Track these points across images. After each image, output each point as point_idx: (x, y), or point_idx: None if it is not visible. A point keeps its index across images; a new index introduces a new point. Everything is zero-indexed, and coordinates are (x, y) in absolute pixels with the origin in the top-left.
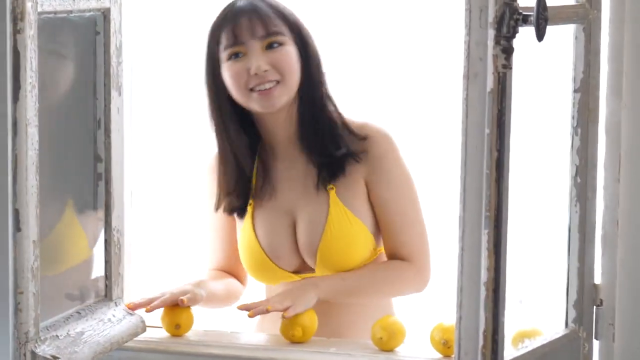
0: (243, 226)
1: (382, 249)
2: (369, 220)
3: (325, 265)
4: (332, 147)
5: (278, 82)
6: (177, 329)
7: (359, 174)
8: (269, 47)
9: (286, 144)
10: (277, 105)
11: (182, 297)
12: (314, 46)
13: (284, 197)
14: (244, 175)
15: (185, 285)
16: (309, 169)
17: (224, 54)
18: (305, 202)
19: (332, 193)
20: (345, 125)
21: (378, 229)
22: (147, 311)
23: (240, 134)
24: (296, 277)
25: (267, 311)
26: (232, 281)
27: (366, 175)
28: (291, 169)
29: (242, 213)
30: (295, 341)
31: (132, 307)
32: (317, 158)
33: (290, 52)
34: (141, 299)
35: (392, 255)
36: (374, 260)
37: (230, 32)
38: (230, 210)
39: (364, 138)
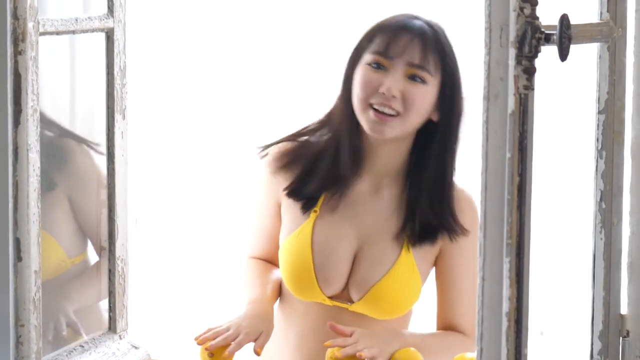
0: (298, 233)
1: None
2: (425, 279)
3: (369, 304)
4: (438, 214)
5: (399, 113)
6: (210, 357)
7: (439, 239)
8: (411, 77)
9: (383, 175)
10: (386, 135)
11: (257, 348)
12: (460, 98)
13: (357, 221)
14: (336, 168)
15: (254, 321)
16: (398, 210)
17: (368, 56)
18: (378, 237)
19: (407, 243)
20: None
21: (423, 285)
22: (231, 352)
23: (352, 133)
24: (329, 302)
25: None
26: (276, 275)
27: (444, 243)
28: (378, 199)
29: (308, 206)
30: None
31: (208, 347)
32: (416, 213)
33: (427, 93)
34: (210, 332)
35: (446, 323)
36: (404, 317)
37: (385, 41)
38: (305, 196)
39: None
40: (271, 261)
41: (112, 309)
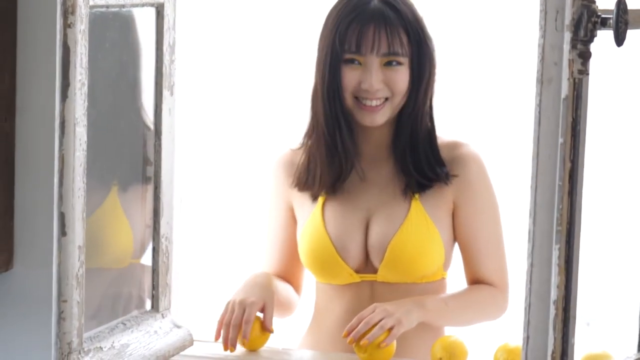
0: (310, 217)
1: (446, 274)
2: (446, 236)
3: (391, 266)
4: (427, 167)
5: (387, 99)
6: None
7: (448, 191)
8: (388, 63)
9: (376, 146)
10: (378, 122)
11: (269, 327)
12: (431, 62)
13: (361, 193)
14: (335, 160)
15: (253, 290)
16: (396, 173)
17: (342, 54)
18: (385, 201)
19: (416, 197)
20: (436, 143)
21: (451, 247)
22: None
23: (341, 125)
24: (357, 277)
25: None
26: (290, 287)
27: (455, 196)
28: (375, 168)
29: (316, 196)
30: None
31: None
32: (409, 172)
33: (406, 72)
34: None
35: (476, 280)
36: (437, 284)
37: (353, 39)
38: (318, 189)
39: (455, 158)
40: (286, 277)
41: (155, 287)
